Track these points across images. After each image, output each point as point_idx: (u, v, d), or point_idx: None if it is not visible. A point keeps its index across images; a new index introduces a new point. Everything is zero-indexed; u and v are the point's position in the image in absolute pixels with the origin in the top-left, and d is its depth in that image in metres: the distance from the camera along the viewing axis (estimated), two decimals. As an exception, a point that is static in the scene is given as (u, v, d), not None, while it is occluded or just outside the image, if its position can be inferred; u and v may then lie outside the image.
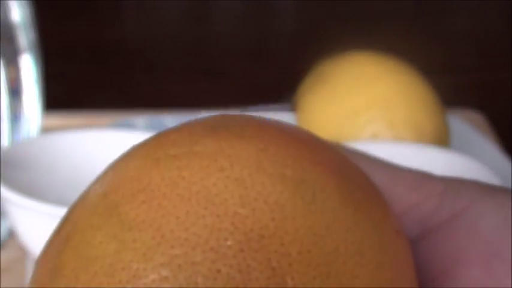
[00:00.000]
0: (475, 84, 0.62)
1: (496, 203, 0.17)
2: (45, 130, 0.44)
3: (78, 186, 0.38)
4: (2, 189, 0.33)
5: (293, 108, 0.44)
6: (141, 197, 0.15)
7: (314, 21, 0.77)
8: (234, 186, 0.15)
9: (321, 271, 0.14)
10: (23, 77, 0.42)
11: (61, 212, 0.31)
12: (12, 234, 0.40)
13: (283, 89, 0.49)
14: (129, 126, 0.46)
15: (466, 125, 0.47)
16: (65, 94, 0.60)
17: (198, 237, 0.14)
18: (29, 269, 0.38)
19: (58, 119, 0.51)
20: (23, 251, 0.39)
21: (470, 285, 0.17)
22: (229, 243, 0.14)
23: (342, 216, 0.15)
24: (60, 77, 0.64)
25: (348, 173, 0.16)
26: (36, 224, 0.33)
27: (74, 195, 0.37)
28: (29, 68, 0.42)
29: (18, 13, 0.42)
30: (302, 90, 0.43)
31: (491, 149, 0.44)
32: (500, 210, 0.17)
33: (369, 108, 0.39)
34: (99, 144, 0.40)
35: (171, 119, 0.47)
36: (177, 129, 0.17)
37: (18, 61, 0.42)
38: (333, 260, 0.15)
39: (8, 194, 0.33)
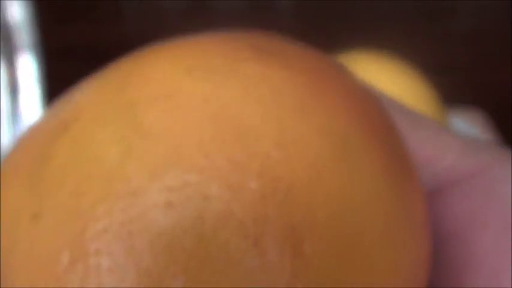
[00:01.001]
0: (475, 84, 0.62)
1: None
2: (45, 130, 0.44)
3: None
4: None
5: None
6: (164, 104, 0.13)
7: (314, 21, 0.77)
8: (272, 124, 0.12)
9: (344, 248, 0.12)
10: (23, 76, 0.42)
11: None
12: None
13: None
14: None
15: (467, 124, 0.47)
16: (65, 94, 0.60)
17: (217, 169, 0.12)
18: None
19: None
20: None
21: (483, 249, 0.16)
22: (252, 185, 0.12)
23: (380, 191, 0.13)
24: (60, 77, 0.64)
25: (392, 141, 0.14)
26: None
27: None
28: (29, 68, 0.42)
29: (18, 13, 0.42)
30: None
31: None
32: None
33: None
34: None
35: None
36: (214, 39, 0.14)
37: (18, 61, 0.42)
38: (359, 240, 0.12)
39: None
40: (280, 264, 0.12)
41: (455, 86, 0.58)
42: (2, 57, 0.41)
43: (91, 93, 0.14)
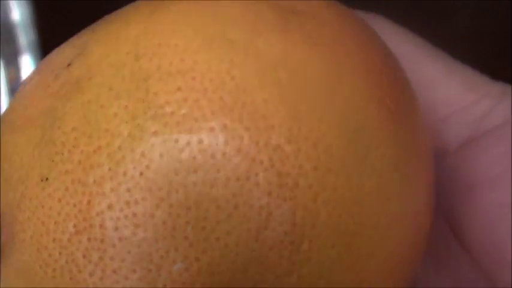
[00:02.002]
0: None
1: None
2: (45, 130, 0.44)
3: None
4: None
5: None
6: (179, 81, 0.12)
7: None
8: (285, 116, 0.12)
9: (342, 241, 0.12)
10: (23, 77, 0.42)
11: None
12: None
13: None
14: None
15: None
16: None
17: (227, 159, 0.12)
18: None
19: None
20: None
21: None
22: (259, 178, 0.12)
23: (387, 182, 0.13)
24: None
25: (408, 117, 0.14)
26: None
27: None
28: (29, 68, 0.42)
29: (18, 13, 0.42)
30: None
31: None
32: None
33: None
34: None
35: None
36: (241, 5, 0.13)
37: (18, 61, 0.42)
38: (359, 231, 0.12)
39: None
40: (278, 258, 0.12)
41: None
42: (1, 57, 0.41)
43: (105, 46, 0.13)
